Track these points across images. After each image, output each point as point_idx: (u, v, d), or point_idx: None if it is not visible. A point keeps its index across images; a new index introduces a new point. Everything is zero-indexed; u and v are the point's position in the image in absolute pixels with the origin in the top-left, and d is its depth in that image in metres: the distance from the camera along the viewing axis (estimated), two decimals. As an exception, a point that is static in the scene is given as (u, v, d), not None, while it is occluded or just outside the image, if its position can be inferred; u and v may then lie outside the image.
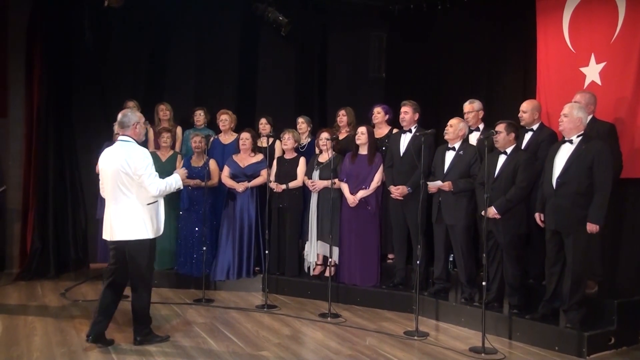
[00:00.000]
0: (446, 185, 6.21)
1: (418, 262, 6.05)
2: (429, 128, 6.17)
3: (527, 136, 6.11)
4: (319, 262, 7.34)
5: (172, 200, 7.48)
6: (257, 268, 7.48)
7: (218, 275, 7.40)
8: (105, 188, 5.20)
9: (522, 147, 6.04)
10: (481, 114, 6.62)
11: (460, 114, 6.57)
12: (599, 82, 5.96)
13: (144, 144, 7.72)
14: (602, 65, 5.93)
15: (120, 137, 5.24)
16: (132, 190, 5.06)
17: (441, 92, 8.21)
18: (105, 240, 5.31)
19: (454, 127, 6.31)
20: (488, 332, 5.75)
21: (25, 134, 8.13)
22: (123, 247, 5.15)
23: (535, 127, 6.08)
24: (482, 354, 5.30)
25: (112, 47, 8.37)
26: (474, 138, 6.58)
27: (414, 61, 8.58)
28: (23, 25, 8.20)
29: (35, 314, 6.27)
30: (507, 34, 7.25)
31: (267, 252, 7.09)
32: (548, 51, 6.45)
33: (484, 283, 5.53)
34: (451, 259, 6.58)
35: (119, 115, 5.28)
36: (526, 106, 6.09)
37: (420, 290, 6.51)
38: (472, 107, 6.59)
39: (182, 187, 5.34)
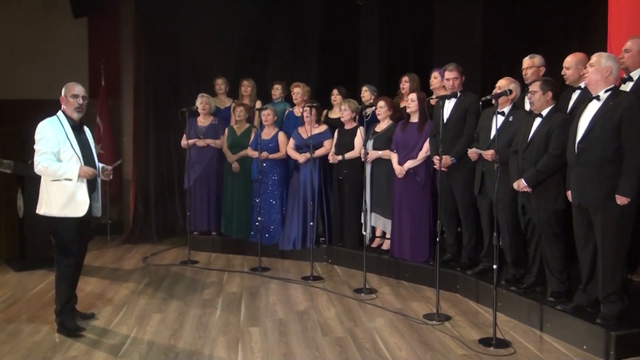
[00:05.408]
0: (489, 154, 4.93)
1: (438, 238, 4.89)
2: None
3: (575, 96, 4.64)
4: (377, 235, 6.43)
5: (247, 172, 7.09)
6: (322, 239, 6.78)
7: (285, 245, 6.83)
8: None
9: (568, 110, 4.60)
10: (542, 70, 5.16)
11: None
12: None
13: (227, 117, 7.48)
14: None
15: None
16: None
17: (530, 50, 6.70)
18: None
19: (502, 90, 4.94)
20: (522, 321, 4.71)
21: (133, 112, 8.14)
22: None
23: (582, 84, 4.55)
24: (491, 348, 4.16)
25: (203, 30, 8.04)
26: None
27: (506, 26, 7.16)
28: (130, 21, 8.17)
29: (100, 276, 6.21)
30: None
31: (312, 223, 6.45)
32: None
33: (494, 266, 4.32)
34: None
35: None
36: (570, 61, 4.61)
37: (467, 268, 5.44)
38: (532, 62, 5.15)
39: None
